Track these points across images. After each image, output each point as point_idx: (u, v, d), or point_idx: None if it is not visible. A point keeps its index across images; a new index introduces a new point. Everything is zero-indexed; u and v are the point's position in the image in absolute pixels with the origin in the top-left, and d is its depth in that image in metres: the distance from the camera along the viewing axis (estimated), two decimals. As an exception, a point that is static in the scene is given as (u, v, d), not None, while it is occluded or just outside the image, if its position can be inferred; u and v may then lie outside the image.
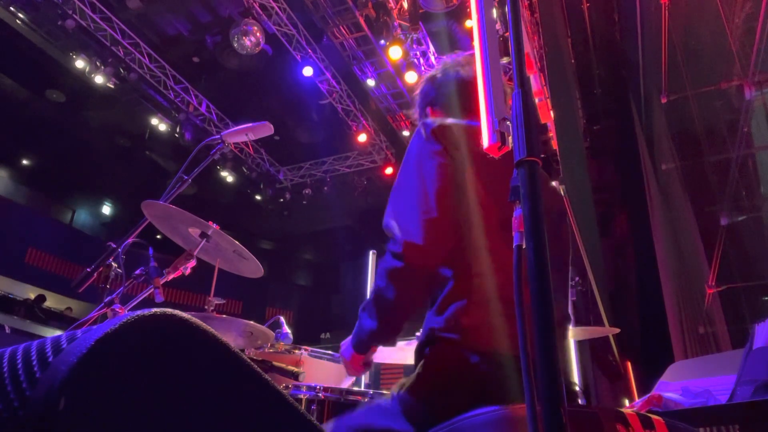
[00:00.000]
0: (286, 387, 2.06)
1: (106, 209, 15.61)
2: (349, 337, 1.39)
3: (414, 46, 7.96)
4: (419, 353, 1.24)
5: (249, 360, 0.70)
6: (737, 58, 5.67)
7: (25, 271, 11.49)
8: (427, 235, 1.16)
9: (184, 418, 0.62)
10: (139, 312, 0.61)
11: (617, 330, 3.23)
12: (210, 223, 2.18)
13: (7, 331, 7.73)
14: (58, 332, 2.02)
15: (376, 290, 1.24)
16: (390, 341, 1.32)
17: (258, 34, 7.86)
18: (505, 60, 3.31)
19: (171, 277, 2.06)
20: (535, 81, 5.93)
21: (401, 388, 1.20)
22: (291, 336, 2.82)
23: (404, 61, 7.93)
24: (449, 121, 1.33)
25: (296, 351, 2.69)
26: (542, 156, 0.79)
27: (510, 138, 0.83)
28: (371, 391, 2.28)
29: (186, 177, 2.11)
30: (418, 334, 1.38)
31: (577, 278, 5.92)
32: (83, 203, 15.00)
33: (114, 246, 1.99)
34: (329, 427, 1.27)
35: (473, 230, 1.19)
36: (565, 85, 6.96)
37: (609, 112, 8.69)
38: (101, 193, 14.94)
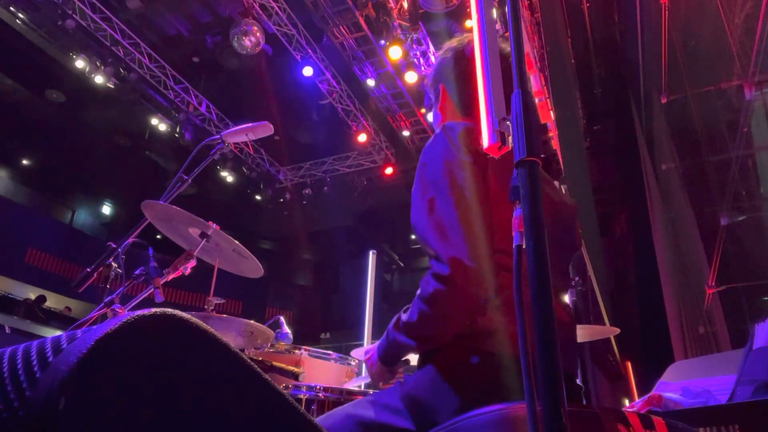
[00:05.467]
0: (286, 387, 2.06)
1: (106, 209, 15.61)
2: (374, 346, 1.34)
3: (414, 46, 7.97)
4: (426, 351, 1.22)
5: (249, 360, 0.69)
6: (737, 58, 5.67)
7: (25, 271, 11.48)
8: (476, 258, 1.07)
9: (183, 418, 0.62)
10: (139, 312, 0.61)
11: (617, 330, 3.21)
12: (210, 223, 2.17)
13: (7, 331, 7.72)
14: (58, 332, 2.02)
15: (420, 315, 1.14)
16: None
17: (258, 34, 7.86)
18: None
19: (171, 277, 2.06)
20: (535, 81, 5.93)
21: (405, 385, 1.20)
22: (291, 336, 2.81)
23: (404, 61, 7.94)
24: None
25: (296, 351, 2.69)
26: (542, 156, 0.79)
27: (510, 138, 0.83)
28: (371, 391, 2.28)
29: (186, 177, 2.11)
30: None
31: (577, 278, 5.92)
32: (83, 203, 15.01)
33: (114, 246, 1.99)
34: (333, 413, 1.26)
35: (493, 232, 1.16)
36: (565, 85, 6.96)
37: (609, 112, 8.71)
38: (101, 193, 14.95)
